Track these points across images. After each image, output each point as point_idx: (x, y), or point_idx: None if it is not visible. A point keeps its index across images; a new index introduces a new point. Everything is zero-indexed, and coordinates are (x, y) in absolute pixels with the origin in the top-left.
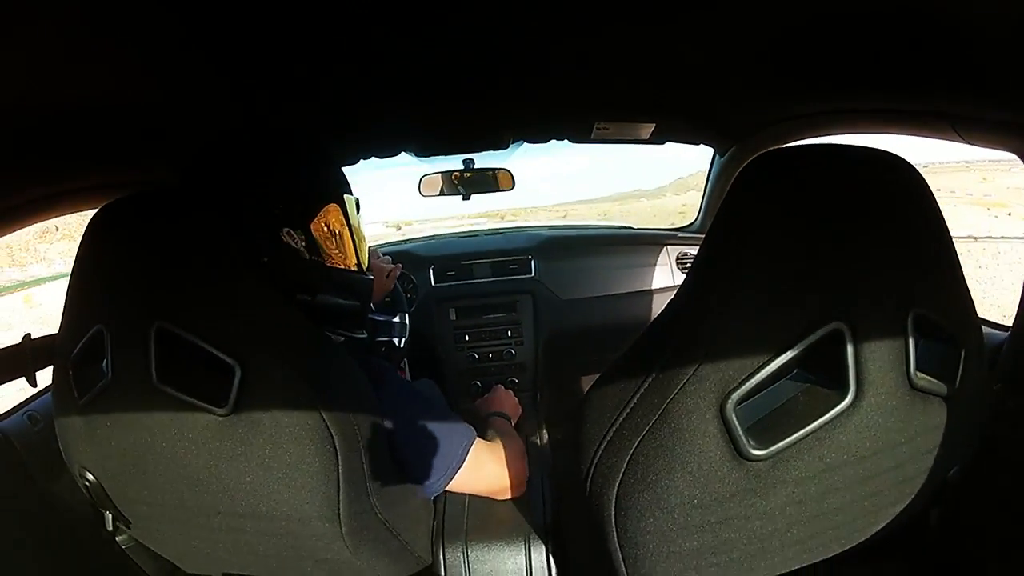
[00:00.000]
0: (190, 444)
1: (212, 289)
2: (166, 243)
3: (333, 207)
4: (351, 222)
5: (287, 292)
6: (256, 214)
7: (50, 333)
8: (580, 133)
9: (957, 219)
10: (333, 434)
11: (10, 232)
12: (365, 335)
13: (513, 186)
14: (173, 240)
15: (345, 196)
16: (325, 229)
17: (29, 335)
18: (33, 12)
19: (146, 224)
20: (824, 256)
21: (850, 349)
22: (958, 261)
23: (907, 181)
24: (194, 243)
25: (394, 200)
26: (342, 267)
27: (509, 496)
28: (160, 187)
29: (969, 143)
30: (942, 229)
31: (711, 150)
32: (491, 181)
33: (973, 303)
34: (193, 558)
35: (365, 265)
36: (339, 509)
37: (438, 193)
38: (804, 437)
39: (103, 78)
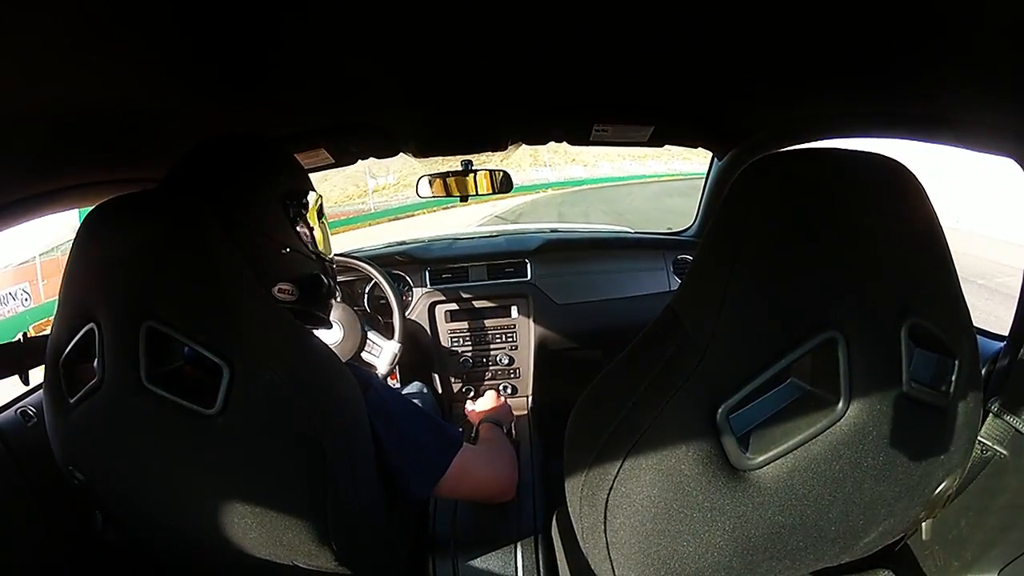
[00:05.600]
0: (178, 445)
1: (202, 289)
2: (157, 243)
3: (310, 201)
4: (321, 217)
5: (271, 288)
6: (244, 213)
7: (45, 334)
8: (579, 135)
9: None
10: (321, 438)
11: (11, 227)
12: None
13: (511, 188)
14: (164, 240)
15: (312, 193)
16: (303, 228)
17: (25, 334)
18: (35, 13)
19: (138, 223)
20: (819, 263)
21: (843, 358)
22: (954, 268)
23: (904, 186)
24: (185, 244)
25: None
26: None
27: (497, 501)
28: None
29: (967, 147)
30: (939, 235)
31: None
32: (490, 183)
33: (968, 311)
34: (180, 558)
35: (329, 256)
36: (326, 514)
37: (436, 195)
38: (796, 447)
39: (105, 77)
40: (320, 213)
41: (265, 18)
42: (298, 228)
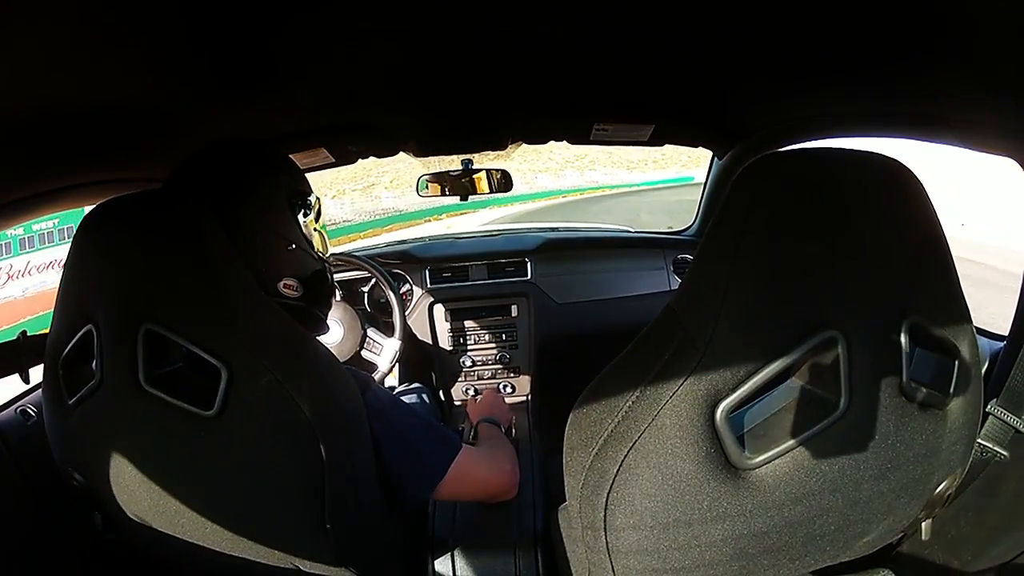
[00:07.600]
0: (177, 446)
1: (201, 291)
2: (156, 244)
3: (312, 201)
4: (319, 219)
5: (272, 292)
6: (251, 211)
7: (44, 332)
8: (579, 134)
9: None
10: (319, 440)
11: (11, 226)
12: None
13: (511, 187)
14: (163, 242)
15: (312, 197)
16: (307, 227)
17: (24, 332)
18: (36, 12)
19: (138, 224)
20: (819, 262)
21: (843, 357)
22: (954, 267)
23: (904, 185)
24: (184, 245)
25: None
26: (316, 260)
27: (500, 500)
28: (159, 185)
29: (967, 147)
30: (938, 235)
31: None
32: (489, 182)
33: (968, 311)
34: (179, 559)
35: (327, 256)
36: (325, 515)
37: (437, 194)
38: (796, 446)
39: (107, 77)
40: (319, 215)
41: (267, 20)
42: (302, 227)
